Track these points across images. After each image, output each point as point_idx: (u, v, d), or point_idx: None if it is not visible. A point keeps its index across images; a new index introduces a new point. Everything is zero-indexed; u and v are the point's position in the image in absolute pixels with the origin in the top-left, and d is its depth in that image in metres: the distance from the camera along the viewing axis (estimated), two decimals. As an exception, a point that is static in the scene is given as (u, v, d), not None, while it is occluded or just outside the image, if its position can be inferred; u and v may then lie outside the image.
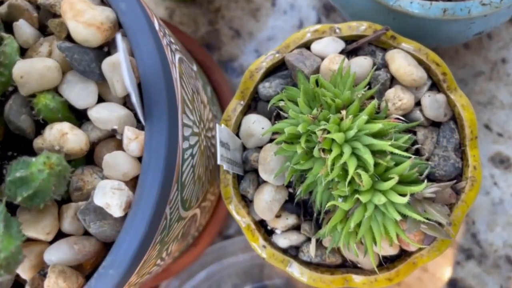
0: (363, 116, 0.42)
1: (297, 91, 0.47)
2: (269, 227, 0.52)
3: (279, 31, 0.78)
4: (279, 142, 0.46)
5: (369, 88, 0.49)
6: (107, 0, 0.40)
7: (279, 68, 0.53)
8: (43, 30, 0.42)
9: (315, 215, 0.49)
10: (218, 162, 0.39)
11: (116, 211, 0.37)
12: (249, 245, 0.55)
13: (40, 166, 0.33)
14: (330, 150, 0.43)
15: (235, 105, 0.52)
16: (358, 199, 0.44)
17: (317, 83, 0.47)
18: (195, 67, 0.59)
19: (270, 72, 0.53)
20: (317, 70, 0.50)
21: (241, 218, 0.51)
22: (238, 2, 0.79)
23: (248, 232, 0.51)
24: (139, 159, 0.40)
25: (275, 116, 0.51)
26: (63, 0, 0.38)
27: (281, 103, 0.48)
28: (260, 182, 0.52)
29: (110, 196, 0.38)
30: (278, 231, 0.51)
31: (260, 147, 0.51)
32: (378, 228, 0.44)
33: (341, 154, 0.42)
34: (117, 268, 0.38)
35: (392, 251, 0.49)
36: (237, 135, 0.52)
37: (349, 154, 0.42)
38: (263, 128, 0.50)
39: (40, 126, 0.41)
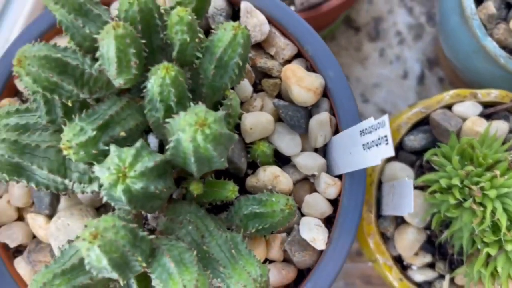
0: (517, 177, 0.50)
1: (448, 148, 0.55)
2: (405, 263, 0.59)
3: (384, 79, 0.86)
4: (432, 192, 0.54)
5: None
6: (317, 67, 0.48)
7: (418, 123, 0.61)
8: (253, 87, 0.50)
9: (454, 256, 0.56)
10: (412, 210, 0.47)
11: (321, 245, 0.45)
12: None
13: (282, 206, 0.41)
14: (479, 203, 0.51)
15: (380, 153, 0.60)
16: (501, 246, 0.51)
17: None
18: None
19: (412, 127, 0.61)
20: (459, 130, 0.57)
21: (379, 255, 0.59)
22: (349, 50, 0.87)
23: (385, 266, 0.59)
24: (330, 201, 0.48)
25: (418, 166, 0.59)
26: (285, 67, 0.47)
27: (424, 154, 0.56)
28: (398, 223, 0.59)
29: (315, 232, 0.45)
30: (414, 267, 0.58)
31: (402, 192, 0.58)
32: (517, 273, 0.51)
33: (493, 209, 0.50)
34: (317, 292, 0.45)
35: (519, 292, 0.56)
36: (380, 180, 0.60)
37: (501, 209, 0.49)
38: (407, 176, 0.58)
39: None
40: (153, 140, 0.44)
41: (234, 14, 0.51)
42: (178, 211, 0.43)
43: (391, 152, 0.36)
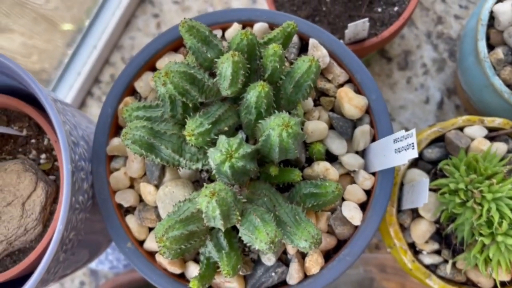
0: (509, 185, 0.65)
1: (457, 160, 0.71)
2: (417, 248, 0.75)
3: (409, 102, 1.02)
4: (443, 193, 0.70)
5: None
6: (363, 91, 0.64)
7: (435, 140, 0.77)
8: (314, 102, 0.67)
9: (457, 245, 0.72)
10: (426, 201, 0.62)
11: (357, 222, 0.61)
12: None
13: (333, 188, 0.57)
14: (479, 203, 0.67)
15: (403, 161, 0.76)
16: (493, 238, 0.66)
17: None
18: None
19: (430, 142, 0.76)
20: (468, 147, 0.73)
21: (397, 240, 0.74)
22: (381, 76, 1.03)
23: (401, 249, 0.74)
24: (365, 191, 0.64)
25: (433, 173, 0.75)
26: (340, 89, 0.63)
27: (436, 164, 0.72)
28: (414, 216, 0.75)
29: (354, 212, 0.61)
30: (424, 252, 0.74)
31: (419, 193, 0.74)
32: (504, 260, 0.67)
33: (489, 208, 0.65)
34: (352, 256, 0.61)
35: (505, 277, 0.71)
36: (402, 182, 0.76)
37: (495, 208, 0.65)
38: (424, 179, 0.73)
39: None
40: (242, 135, 0.61)
41: (302, 47, 0.68)
42: (257, 187, 0.60)
43: (415, 154, 0.52)
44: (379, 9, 0.84)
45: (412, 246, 0.75)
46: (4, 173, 0.66)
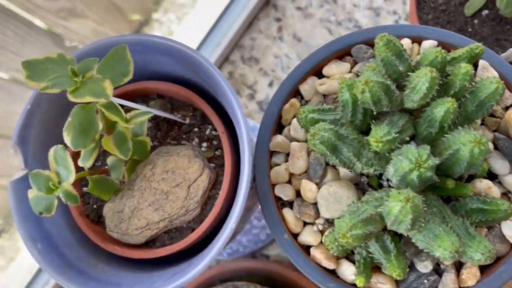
0: None
1: None
2: None
3: None
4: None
5: None
6: None
7: None
8: (479, 121, 0.69)
9: None
10: None
11: (519, 241, 0.63)
12: None
13: (505, 207, 0.60)
14: None
15: None
16: None
17: None
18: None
19: None
20: None
21: None
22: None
23: None
24: None
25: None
26: (510, 112, 0.66)
27: None
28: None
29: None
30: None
31: None
32: None
33: None
34: (507, 274, 0.63)
35: None
36: None
37: None
38: None
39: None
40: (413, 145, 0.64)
41: (470, 67, 0.71)
42: (427, 197, 0.63)
43: None
44: (528, 35, 0.86)
45: None
46: (177, 157, 0.71)
